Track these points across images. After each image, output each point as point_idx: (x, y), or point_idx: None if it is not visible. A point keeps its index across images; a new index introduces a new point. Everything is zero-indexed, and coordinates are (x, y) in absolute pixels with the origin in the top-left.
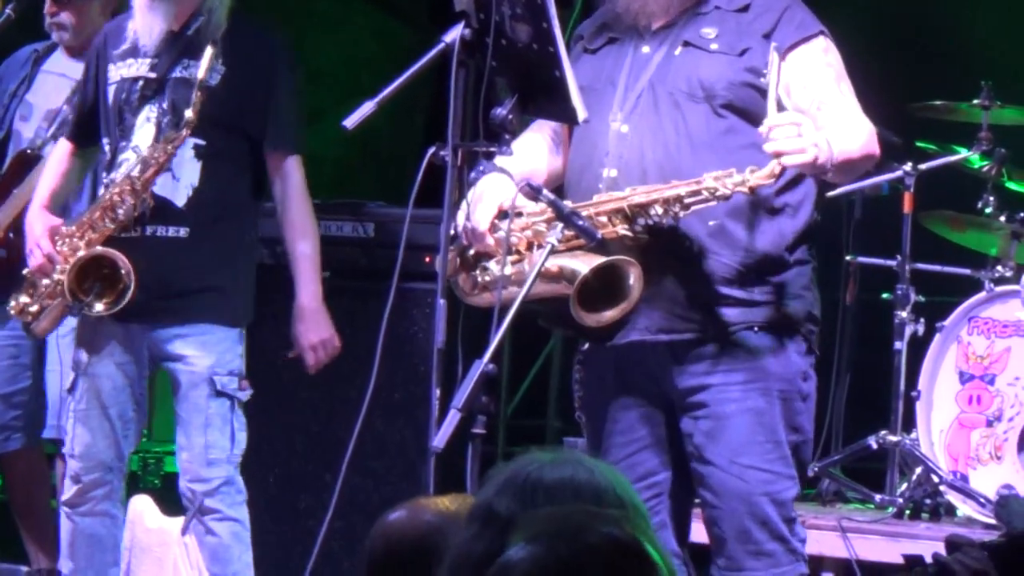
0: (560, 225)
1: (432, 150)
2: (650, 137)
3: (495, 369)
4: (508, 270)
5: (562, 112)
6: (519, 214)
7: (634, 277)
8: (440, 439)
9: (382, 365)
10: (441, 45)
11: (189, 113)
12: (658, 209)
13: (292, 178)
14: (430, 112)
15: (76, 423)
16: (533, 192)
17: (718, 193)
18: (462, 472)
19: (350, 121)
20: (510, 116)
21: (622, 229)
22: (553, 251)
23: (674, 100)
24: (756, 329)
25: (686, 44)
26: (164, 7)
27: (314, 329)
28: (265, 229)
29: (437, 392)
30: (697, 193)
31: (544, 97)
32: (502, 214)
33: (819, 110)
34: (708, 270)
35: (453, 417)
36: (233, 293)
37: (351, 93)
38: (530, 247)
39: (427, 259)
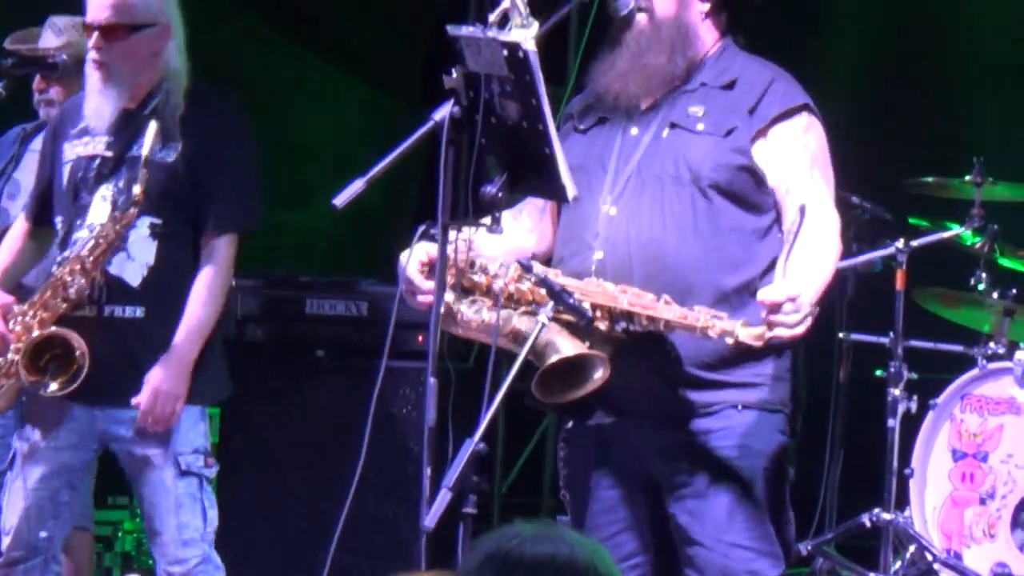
0: (551, 303)
1: (423, 228)
2: (635, 220)
3: (486, 448)
4: (485, 316)
5: (552, 190)
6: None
7: (600, 372)
8: (431, 518)
9: (373, 443)
10: (431, 123)
11: (137, 189)
12: (643, 321)
13: (216, 255)
14: (423, 187)
15: (8, 499)
16: (524, 269)
17: (707, 332)
18: (454, 550)
19: (340, 200)
20: (500, 193)
21: (601, 324)
22: (543, 327)
23: (660, 183)
24: (740, 408)
25: (673, 125)
26: (117, 91)
27: (167, 378)
28: (248, 306)
29: (428, 471)
30: (685, 324)
31: (534, 174)
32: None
33: (787, 194)
34: (692, 351)
35: (444, 496)
36: (192, 372)
37: (343, 168)
38: (510, 298)
39: (419, 338)
